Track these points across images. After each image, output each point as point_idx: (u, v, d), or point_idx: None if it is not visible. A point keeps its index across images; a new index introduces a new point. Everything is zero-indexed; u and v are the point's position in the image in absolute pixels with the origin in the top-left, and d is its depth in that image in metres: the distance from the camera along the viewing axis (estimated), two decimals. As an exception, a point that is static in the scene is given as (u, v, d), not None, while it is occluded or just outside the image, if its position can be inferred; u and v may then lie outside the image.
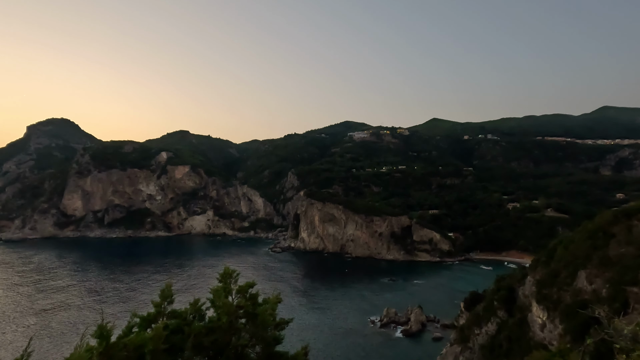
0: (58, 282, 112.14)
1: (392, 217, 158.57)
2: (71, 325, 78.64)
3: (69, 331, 75.54)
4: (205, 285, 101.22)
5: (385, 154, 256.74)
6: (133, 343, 3.52)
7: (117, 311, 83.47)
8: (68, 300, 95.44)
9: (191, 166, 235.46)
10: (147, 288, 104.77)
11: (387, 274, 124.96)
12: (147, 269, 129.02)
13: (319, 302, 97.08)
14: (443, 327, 79.85)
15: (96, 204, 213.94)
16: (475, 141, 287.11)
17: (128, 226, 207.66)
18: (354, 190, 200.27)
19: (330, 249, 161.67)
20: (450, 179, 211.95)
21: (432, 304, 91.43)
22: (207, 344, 4.09)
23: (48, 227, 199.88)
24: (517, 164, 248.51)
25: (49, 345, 69.43)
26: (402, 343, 73.85)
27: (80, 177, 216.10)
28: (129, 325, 4.01)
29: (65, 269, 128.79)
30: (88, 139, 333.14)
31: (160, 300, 4.38)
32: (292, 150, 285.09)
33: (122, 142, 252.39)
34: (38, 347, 66.27)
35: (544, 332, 39.59)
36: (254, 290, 4.99)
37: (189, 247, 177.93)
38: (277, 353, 4.61)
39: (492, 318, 51.75)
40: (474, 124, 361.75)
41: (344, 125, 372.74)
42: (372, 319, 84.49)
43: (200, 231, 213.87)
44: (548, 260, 46.57)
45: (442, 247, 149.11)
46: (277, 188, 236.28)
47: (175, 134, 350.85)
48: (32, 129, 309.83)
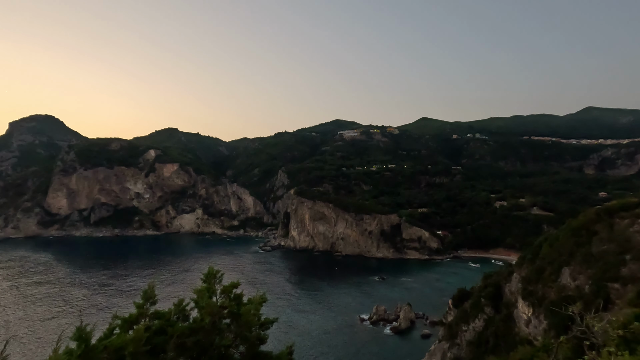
0: (40, 282, 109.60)
1: (381, 216, 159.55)
2: (52, 327, 76.88)
3: (49, 333, 73.85)
4: (191, 285, 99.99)
5: (375, 152, 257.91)
6: (113, 345, 3.46)
7: (101, 313, 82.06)
8: (50, 301, 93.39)
9: (180, 164, 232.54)
10: (134, 288, 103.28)
11: (377, 272, 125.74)
12: (134, 268, 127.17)
13: (309, 300, 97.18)
14: (431, 324, 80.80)
15: (82, 202, 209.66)
16: (464, 140, 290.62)
17: (115, 225, 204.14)
18: (344, 188, 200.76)
19: (321, 247, 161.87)
20: (439, 178, 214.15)
21: (421, 302, 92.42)
22: (190, 344, 4.05)
23: (32, 226, 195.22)
24: (504, 163, 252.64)
25: (25, 348, 67.75)
26: (391, 340, 74.49)
27: (65, 175, 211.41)
28: (110, 327, 3.94)
29: (49, 268, 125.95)
30: (73, 136, 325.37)
31: (142, 301, 4.32)
32: (282, 149, 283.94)
33: (109, 140, 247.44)
34: (15, 350, 64.66)
35: (529, 327, 40.40)
36: (238, 291, 4.96)
37: (177, 246, 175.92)
38: (261, 353, 4.59)
39: (479, 314, 52.56)
40: (462, 123, 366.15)
41: (334, 124, 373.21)
42: (361, 317, 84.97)
43: (189, 230, 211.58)
44: (534, 258, 47.49)
45: (431, 245, 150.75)
46: (267, 186, 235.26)
47: (164, 131, 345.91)
48: (14, 125, 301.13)
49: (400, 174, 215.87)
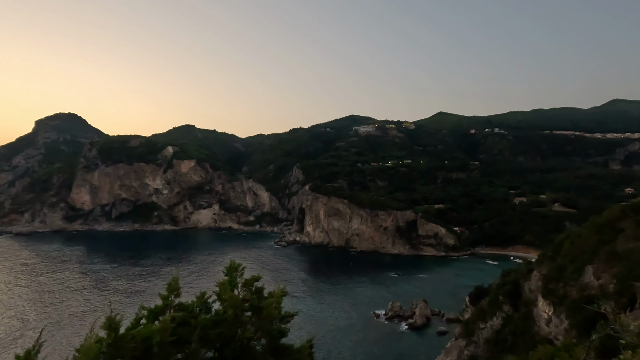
0: (67, 274, 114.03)
1: (397, 212, 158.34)
2: (80, 317, 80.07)
3: (78, 323, 76.95)
4: (212, 279, 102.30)
5: (390, 148, 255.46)
6: (141, 335, 3.60)
7: (125, 303, 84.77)
8: (77, 293, 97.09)
9: (197, 160, 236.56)
10: (155, 281, 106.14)
11: (392, 268, 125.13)
12: (154, 262, 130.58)
13: (324, 295, 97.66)
14: (448, 321, 79.99)
15: (103, 197, 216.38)
16: (482, 135, 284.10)
17: (135, 220, 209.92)
18: (359, 184, 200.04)
19: (335, 243, 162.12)
20: (456, 173, 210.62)
21: (437, 298, 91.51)
22: (213, 336, 4.16)
23: (57, 221, 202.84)
24: (524, 158, 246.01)
25: (59, 336, 70.79)
26: (407, 336, 74.18)
27: (88, 172, 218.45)
28: (136, 318, 4.09)
29: (75, 262, 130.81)
30: (95, 133, 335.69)
31: (167, 293, 4.45)
32: (297, 145, 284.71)
33: (129, 137, 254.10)
34: (48, 338, 67.63)
35: (549, 327, 39.47)
36: (259, 284, 5.05)
37: (195, 241, 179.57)
38: (282, 346, 4.67)
39: (497, 312, 51.68)
40: (480, 117, 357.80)
41: (349, 119, 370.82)
42: (377, 313, 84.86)
43: (206, 225, 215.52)
44: (554, 255, 46.25)
45: (448, 242, 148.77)
46: (282, 182, 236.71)
47: (181, 128, 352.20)
48: (40, 123, 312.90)
49: (416, 169, 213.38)
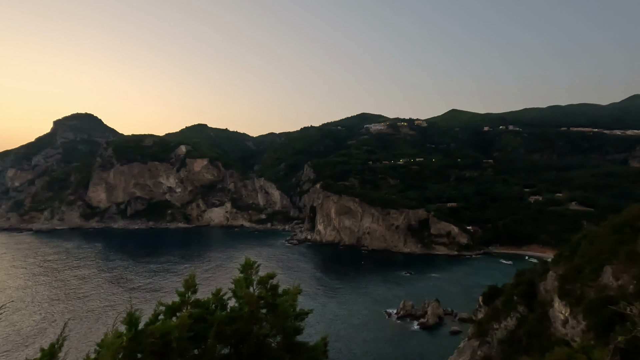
0: (86, 271, 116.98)
1: (409, 210, 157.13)
2: (99, 312, 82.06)
3: (97, 318, 78.90)
4: (225, 276, 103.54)
5: (402, 146, 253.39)
6: (159, 330, 3.68)
7: (144, 299, 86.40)
8: (97, 288, 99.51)
9: (209, 159, 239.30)
10: (170, 278, 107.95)
11: (404, 267, 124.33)
12: (169, 259, 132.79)
13: (335, 294, 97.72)
14: (461, 321, 79.11)
15: (119, 196, 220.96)
16: (496, 132, 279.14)
17: (149, 217, 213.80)
18: (370, 182, 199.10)
19: (347, 241, 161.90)
20: (469, 172, 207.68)
21: (450, 298, 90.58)
22: (230, 332, 4.22)
23: (75, 218, 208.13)
24: (539, 156, 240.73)
25: (79, 330, 72.69)
26: (419, 336, 73.69)
27: (104, 170, 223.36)
28: (155, 313, 4.18)
29: (93, 258, 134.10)
30: (110, 133, 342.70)
31: (184, 289, 4.54)
32: (308, 143, 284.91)
33: (143, 136, 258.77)
34: (69, 332, 69.40)
35: (566, 328, 38.66)
36: (274, 281, 5.10)
37: (208, 239, 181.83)
38: (297, 343, 4.70)
39: (511, 313, 50.84)
40: (494, 114, 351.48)
41: (360, 117, 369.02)
42: (388, 312, 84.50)
43: (218, 223, 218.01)
44: (571, 255, 45.24)
45: (460, 241, 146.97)
46: (293, 181, 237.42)
47: (194, 127, 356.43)
48: (58, 123, 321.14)
49: (428, 167, 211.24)
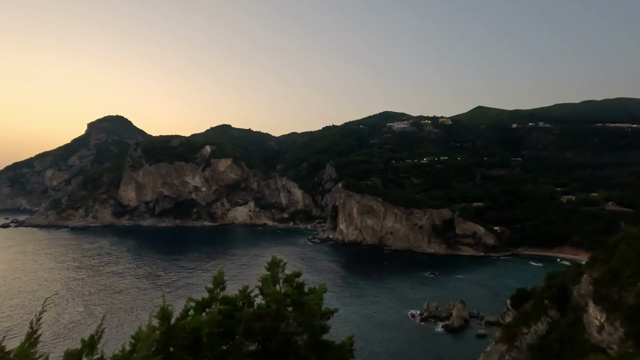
0: (120, 266, 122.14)
1: (433, 210, 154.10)
2: (132, 306, 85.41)
3: (130, 311, 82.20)
4: (250, 273, 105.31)
5: (426, 144, 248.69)
6: (191, 325, 3.80)
7: (175, 295, 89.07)
8: (129, 283, 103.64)
9: (233, 159, 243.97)
10: (198, 274, 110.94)
11: (428, 267, 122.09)
12: (196, 256, 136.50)
13: (358, 294, 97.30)
14: (487, 324, 76.79)
15: (148, 195, 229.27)
16: (525, 130, 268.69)
17: (176, 216, 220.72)
18: (393, 181, 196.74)
19: (369, 241, 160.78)
20: (496, 170, 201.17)
21: (476, 300, 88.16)
22: (257, 329, 4.30)
23: (107, 216, 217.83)
24: (572, 154, 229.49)
25: (115, 323, 75.93)
26: (443, 338, 72.21)
27: (133, 170, 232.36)
28: (185, 309, 4.32)
29: (125, 254, 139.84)
30: (139, 134, 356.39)
31: (213, 286, 4.66)
32: (330, 142, 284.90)
33: (170, 137, 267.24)
34: (106, 324, 72.62)
35: (601, 334, 36.70)
36: (300, 280, 5.14)
37: (232, 237, 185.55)
38: (323, 342, 4.73)
39: (542, 317, 48.77)
40: (523, 111, 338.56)
41: (382, 116, 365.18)
42: (411, 313, 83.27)
43: (242, 221, 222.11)
44: (608, 258, 42.84)
45: (487, 242, 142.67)
46: (315, 180, 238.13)
47: (218, 128, 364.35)
48: (91, 125, 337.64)
49: (453, 166, 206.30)
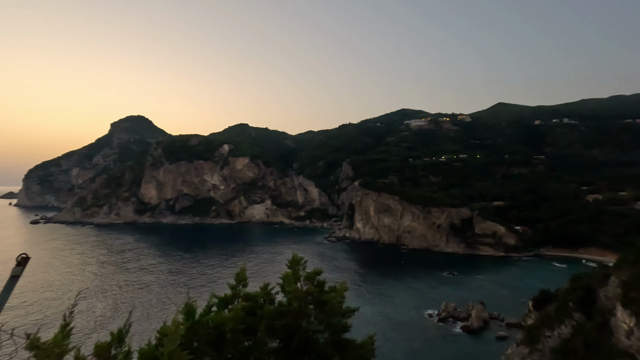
0: (142, 262, 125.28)
1: (451, 209, 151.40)
2: (156, 301, 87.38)
3: (152, 306, 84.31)
4: (269, 270, 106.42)
5: (444, 142, 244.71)
6: (215, 321, 3.87)
7: (193, 291, 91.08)
8: (152, 279, 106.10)
9: (250, 157, 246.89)
10: (218, 271, 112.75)
11: (446, 267, 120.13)
12: (216, 253, 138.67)
13: (374, 292, 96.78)
14: (508, 326, 74.95)
15: (168, 193, 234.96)
16: (548, 126, 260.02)
17: (195, 213, 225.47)
18: (410, 180, 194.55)
19: (386, 240, 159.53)
20: (517, 168, 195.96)
21: (496, 301, 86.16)
22: (279, 327, 4.34)
23: (129, 214, 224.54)
24: (599, 151, 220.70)
25: (139, 318, 77.96)
26: (462, 339, 70.95)
27: (154, 169, 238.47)
28: (208, 305, 4.40)
29: (147, 250, 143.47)
30: (160, 133, 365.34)
31: (235, 283, 4.73)
32: (346, 140, 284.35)
33: (189, 136, 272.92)
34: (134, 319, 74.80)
35: (630, 339, 35.23)
36: (320, 278, 5.16)
37: (250, 235, 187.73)
38: (345, 340, 4.73)
39: (566, 320, 47.19)
40: (546, 107, 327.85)
41: (399, 114, 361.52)
42: (429, 313, 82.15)
43: (259, 219, 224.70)
44: (637, 260, 41.09)
45: (508, 241, 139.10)
46: (331, 178, 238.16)
47: (236, 127, 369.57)
48: (114, 125, 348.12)
49: (472, 164, 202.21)
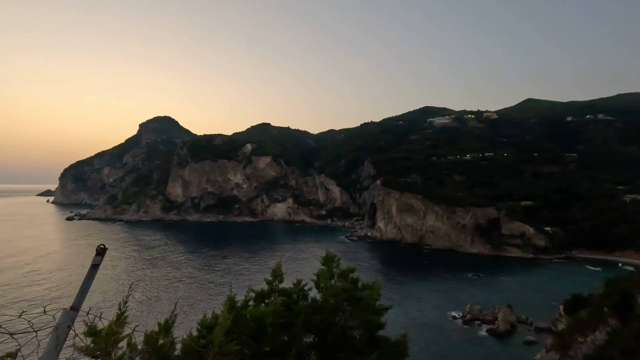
0: (173, 257, 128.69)
1: (476, 209, 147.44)
2: (187, 295, 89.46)
3: (187, 299, 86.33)
4: (296, 267, 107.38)
5: (468, 140, 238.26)
6: (254, 315, 4.04)
7: (224, 287, 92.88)
8: (184, 273, 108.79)
9: (272, 156, 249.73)
10: (243, 267, 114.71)
11: (471, 268, 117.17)
12: (241, 250, 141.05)
13: (396, 292, 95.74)
14: (537, 331, 72.29)
15: (193, 191, 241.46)
16: (581, 122, 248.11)
17: (219, 211, 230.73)
18: (433, 179, 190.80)
19: (408, 239, 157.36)
20: (547, 167, 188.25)
21: (523, 304, 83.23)
22: (315, 322, 4.46)
23: (157, 211, 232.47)
24: (637, 148, 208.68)
25: (168, 310, 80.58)
26: (488, 342, 69.09)
27: (180, 168, 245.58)
28: (246, 299, 4.58)
29: (177, 247, 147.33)
30: (185, 133, 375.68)
31: (272, 278, 4.90)
32: (368, 139, 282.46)
33: (213, 136, 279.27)
34: (179, 310, 77.37)
35: (672, 348, 33.23)
36: (354, 275, 5.24)
37: (273, 232, 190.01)
38: (379, 337, 4.79)
39: (600, 326, 45.01)
40: (579, 102, 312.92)
41: (422, 111, 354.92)
42: (453, 315, 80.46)
43: (281, 218, 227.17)
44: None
45: (537, 243, 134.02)
46: (353, 177, 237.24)
47: (258, 126, 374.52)
48: (143, 126, 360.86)
49: (499, 162, 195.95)
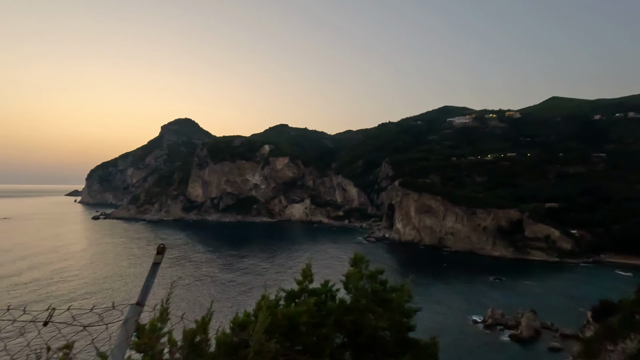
0: (197, 256, 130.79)
1: (498, 210, 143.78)
2: (214, 293, 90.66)
3: (214, 298, 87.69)
4: (317, 268, 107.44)
5: (489, 140, 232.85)
6: (287, 314, 4.17)
7: (247, 287, 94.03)
8: (206, 272, 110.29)
9: (290, 157, 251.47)
10: (264, 267, 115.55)
11: (492, 271, 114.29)
12: (260, 250, 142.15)
13: (416, 294, 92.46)
14: (562, 337, 69.77)
15: (212, 192, 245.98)
16: (610, 121, 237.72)
17: (238, 212, 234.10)
18: (452, 180, 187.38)
19: (427, 241, 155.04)
20: (573, 167, 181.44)
21: (548, 310, 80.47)
22: (346, 322, 4.55)
23: (177, 211, 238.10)
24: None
25: (198, 308, 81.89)
26: (511, 348, 67.22)
27: (200, 169, 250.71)
28: (276, 298, 4.71)
29: (198, 246, 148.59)
30: (205, 135, 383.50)
31: (302, 278, 5.02)
32: (385, 139, 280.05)
33: (232, 137, 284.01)
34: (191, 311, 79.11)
35: None
36: (382, 277, 5.30)
37: (291, 233, 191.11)
38: (410, 339, 4.83)
39: (632, 334, 43.15)
40: (608, 100, 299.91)
41: (441, 111, 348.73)
42: (474, 319, 78.72)
43: (298, 218, 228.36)
44: None
45: (563, 246, 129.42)
46: (370, 178, 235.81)
47: (276, 127, 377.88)
48: (164, 128, 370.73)
49: (522, 163, 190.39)
